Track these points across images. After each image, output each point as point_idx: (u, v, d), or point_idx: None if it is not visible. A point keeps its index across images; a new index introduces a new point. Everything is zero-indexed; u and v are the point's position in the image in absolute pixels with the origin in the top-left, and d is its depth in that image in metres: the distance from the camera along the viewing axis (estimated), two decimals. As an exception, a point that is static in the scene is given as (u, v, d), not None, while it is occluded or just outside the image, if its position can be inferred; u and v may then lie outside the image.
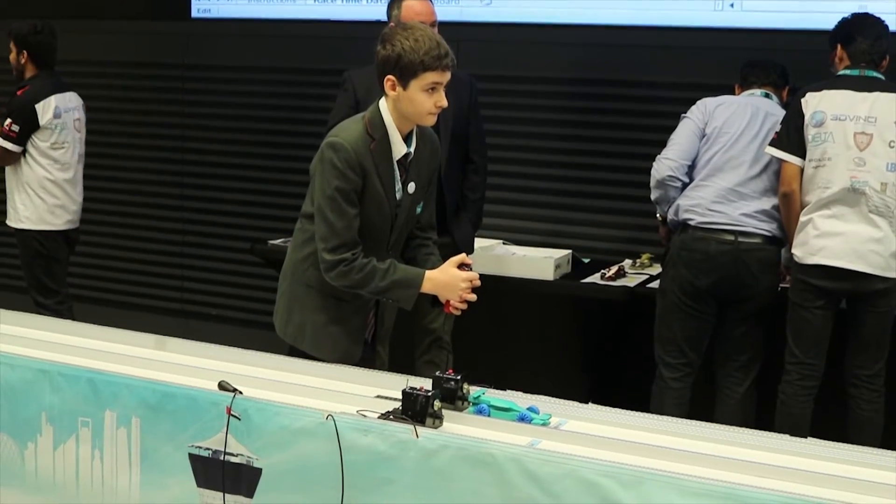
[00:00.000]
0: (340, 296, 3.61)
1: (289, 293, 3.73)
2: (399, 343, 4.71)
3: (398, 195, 3.61)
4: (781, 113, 4.64)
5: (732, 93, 4.87)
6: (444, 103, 3.49)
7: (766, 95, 4.78)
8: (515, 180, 6.05)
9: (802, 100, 4.42)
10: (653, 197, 4.77)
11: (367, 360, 3.75)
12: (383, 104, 3.54)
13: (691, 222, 4.57)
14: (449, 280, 3.53)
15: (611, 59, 5.88)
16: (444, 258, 4.37)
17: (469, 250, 4.78)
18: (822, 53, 4.68)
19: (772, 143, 4.48)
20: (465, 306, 3.56)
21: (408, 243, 3.79)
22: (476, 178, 4.84)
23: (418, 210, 3.73)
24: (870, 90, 4.35)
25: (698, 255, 4.54)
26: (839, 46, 4.53)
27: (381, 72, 3.49)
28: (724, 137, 4.61)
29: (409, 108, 3.48)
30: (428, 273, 3.56)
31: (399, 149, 3.56)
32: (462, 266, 3.54)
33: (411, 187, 3.63)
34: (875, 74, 4.43)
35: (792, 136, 4.42)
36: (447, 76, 3.48)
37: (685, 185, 4.67)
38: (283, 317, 3.73)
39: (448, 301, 3.56)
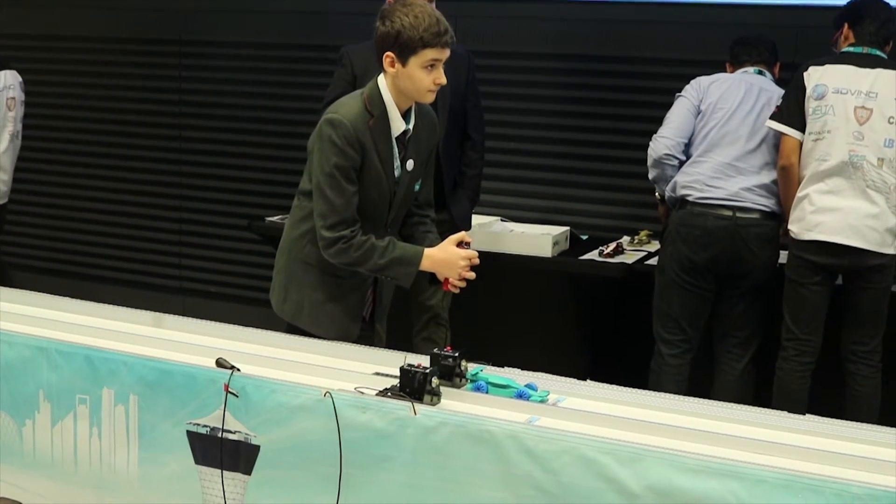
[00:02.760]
0: (338, 273, 3.60)
1: (286, 270, 3.72)
2: (397, 320, 4.70)
3: (397, 172, 3.59)
4: (775, 89, 4.65)
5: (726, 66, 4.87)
6: (443, 80, 3.47)
7: (760, 72, 4.78)
8: (514, 157, 6.04)
9: (805, 73, 4.42)
10: (650, 176, 4.77)
11: (364, 337, 3.75)
12: (382, 81, 3.52)
13: (689, 198, 4.57)
14: (448, 258, 3.52)
15: (611, 35, 5.86)
16: (442, 235, 4.37)
17: (467, 227, 4.79)
18: (814, 28, 4.69)
19: (772, 117, 4.48)
20: (463, 284, 3.56)
21: (405, 221, 3.78)
22: (474, 155, 4.83)
23: (416, 187, 3.71)
24: (872, 66, 4.35)
25: (696, 231, 4.54)
26: (846, 25, 4.52)
27: (380, 48, 3.46)
28: (719, 113, 4.62)
29: (408, 85, 3.47)
30: (427, 251, 3.55)
31: (398, 126, 3.55)
32: (461, 244, 3.53)
33: (410, 164, 3.62)
34: (878, 53, 4.43)
35: (793, 109, 4.42)
36: (446, 53, 3.46)
37: (682, 163, 4.67)
38: (280, 294, 3.73)
39: (446, 279, 3.55)
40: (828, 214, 4.32)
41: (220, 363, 3.14)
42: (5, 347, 3.39)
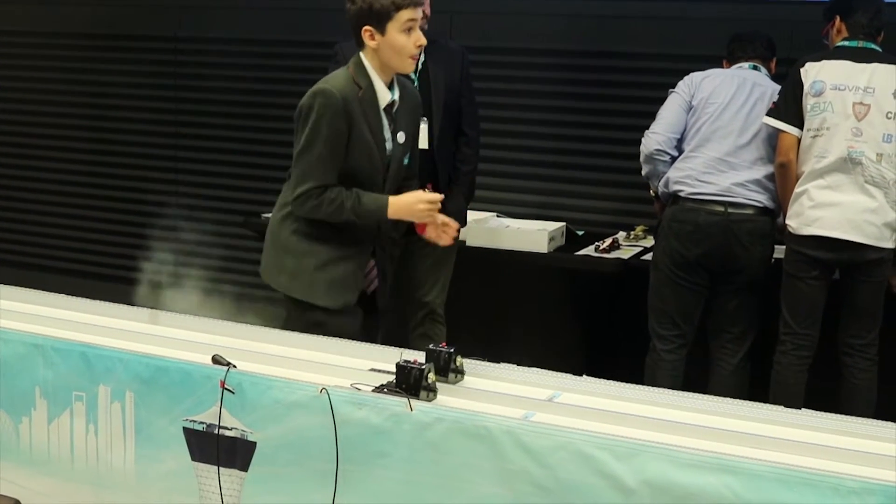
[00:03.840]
0: (331, 241, 3.72)
1: (278, 244, 3.81)
2: (393, 317, 4.71)
3: (388, 145, 3.72)
4: (769, 84, 4.65)
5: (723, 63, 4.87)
6: (423, 41, 3.62)
7: (755, 68, 4.78)
8: (510, 152, 6.04)
9: (802, 70, 4.42)
10: (643, 172, 4.78)
11: (369, 316, 3.93)
12: (363, 56, 3.66)
13: (681, 193, 4.57)
14: (408, 199, 3.71)
15: (606, 30, 5.86)
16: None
17: (462, 223, 4.78)
18: (809, 24, 4.68)
19: (769, 114, 4.48)
20: (442, 238, 3.80)
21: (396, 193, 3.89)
22: (468, 151, 4.80)
23: (406, 161, 3.84)
24: (868, 61, 4.35)
25: (688, 227, 4.54)
26: (838, 18, 4.51)
27: (357, 28, 3.62)
28: (710, 108, 4.62)
29: (390, 53, 3.61)
30: (391, 198, 3.70)
31: (384, 96, 3.68)
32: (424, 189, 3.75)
33: (401, 136, 3.75)
34: (873, 46, 4.43)
35: (790, 105, 4.42)
36: (419, 13, 3.62)
37: (674, 159, 4.67)
38: (274, 268, 3.82)
39: (422, 225, 3.77)
40: (827, 209, 4.32)
41: (216, 360, 3.13)
42: (1, 345, 3.39)
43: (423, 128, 4.54)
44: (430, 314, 4.80)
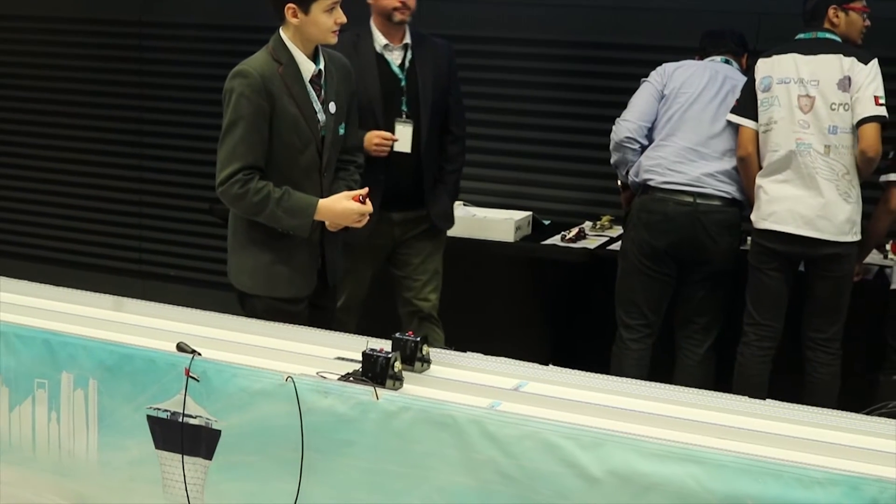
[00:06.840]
0: (279, 234, 3.71)
1: (238, 245, 3.83)
2: (381, 320, 4.63)
3: (320, 116, 3.73)
4: (740, 77, 4.67)
5: (694, 58, 4.88)
6: (344, 19, 3.68)
7: (727, 62, 4.80)
8: (477, 141, 6.00)
9: (756, 66, 4.46)
10: (612, 160, 4.78)
11: (323, 298, 3.93)
12: (283, 32, 3.71)
13: (651, 182, 4.58)
14: (343, 211, 3.69)
15: (574, 21, 5.86)
16: (424, 232, 4.34)
17: (448, 223, 4.71)
18: (787, 16, 4.69)
19: (731, 110, 4.53)
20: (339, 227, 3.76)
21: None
22: (454, 149, 4.68)
23: (341, 131, 3.84)
24: (815, 53, 4.35)
25: (657, 216, 4.55)
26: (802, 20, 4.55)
27: (279, 4, 3.64)
28: (682, 98, 4.63)
29: (313, 31, 3.66)
30: (321, 202, 3.70)
31: (308, 67, 3.72)
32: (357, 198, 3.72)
33: (332, 107, 3.77)
34: (827, 36, 4.41)
35: (748, 100, 4.47)
36: None
37: (644, 148, 4.68)
38: (236, 268, 3.84)
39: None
40: (779, 204, 4.35)
41: (180, 347, 3.12)
42: (-37, 332, 3.36)
43: (408, 129, 4.47)
44: (426, 318, 4.69)
